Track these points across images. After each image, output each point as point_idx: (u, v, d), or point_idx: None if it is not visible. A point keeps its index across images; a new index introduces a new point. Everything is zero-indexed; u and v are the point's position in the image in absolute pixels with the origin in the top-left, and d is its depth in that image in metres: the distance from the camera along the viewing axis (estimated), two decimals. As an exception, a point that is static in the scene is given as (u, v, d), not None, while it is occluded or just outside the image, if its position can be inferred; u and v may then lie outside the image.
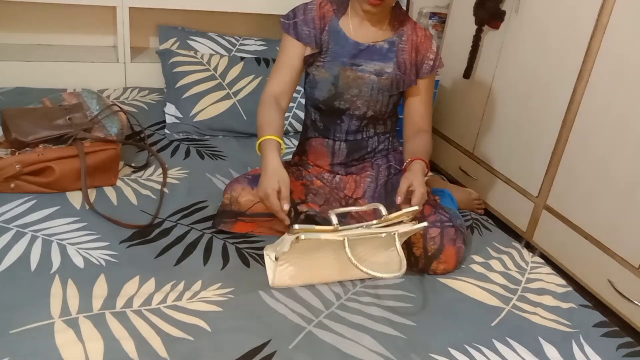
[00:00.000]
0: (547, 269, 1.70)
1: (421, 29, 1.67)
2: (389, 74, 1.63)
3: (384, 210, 1.42)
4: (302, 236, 1.28)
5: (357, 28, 1.63)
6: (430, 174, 2.21)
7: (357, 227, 1.39)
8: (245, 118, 2.25)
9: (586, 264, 2.01)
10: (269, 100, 1.62)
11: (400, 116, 1.78)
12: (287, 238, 1.35)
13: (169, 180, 1.85)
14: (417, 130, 1.69)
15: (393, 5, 1.62)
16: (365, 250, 1.43)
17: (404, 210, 1.41)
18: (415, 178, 1.48)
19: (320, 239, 1.31)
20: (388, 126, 1.75)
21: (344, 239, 1.33)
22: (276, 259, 1.38)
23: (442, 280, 1.56)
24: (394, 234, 1.38)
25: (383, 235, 1.38)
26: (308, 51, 1.65)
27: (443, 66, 1.71)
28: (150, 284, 1.37)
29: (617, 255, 1.90)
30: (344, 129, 1.71)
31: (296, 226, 1.30)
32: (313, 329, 1.31)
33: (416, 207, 1.41)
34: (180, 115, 2.22)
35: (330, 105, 1.67)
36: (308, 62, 1.66)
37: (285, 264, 1.40)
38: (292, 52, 1.65)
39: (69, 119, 1.72)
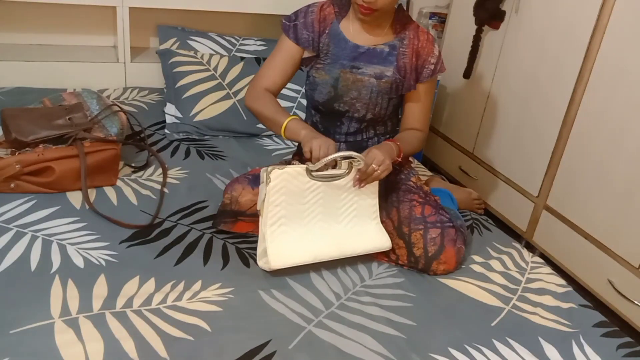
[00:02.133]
0: (547, 269, 1.70)
1: (424, 33, 1.65)
2: (388, 77, 1.62)
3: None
4: (269, 169, 1.44)
5: (357, 31, 1.63)
6: (431, 174, 2.21)
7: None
8: (245, 118, 2.25)
9: (586, 264, 2.01)
10: (263, 92, 1.64)
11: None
12: (262, 186, 1.46)
13: (169, 180, 1.85)
14: (409, 130, 1.69)
15: (396, 7, 1.61)
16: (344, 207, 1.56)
17: (350, 153, 1.49)
18: (373, 148, 1.51)
19: (287, 170, 1.45)
20: (388, 127, 1.75)
21: (307, 164, 1.46)
22: (259, 211, 1.47)
23: (442, 280, 1.56)
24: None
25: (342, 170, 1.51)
26: (306, 54, 1.65)
27: (445, 70, 1.69)
28: (150, 284, 1.37)
29: (617, 255, 1.90)
30: (344, 131, 1.70)
31: (264, 167, 1.45)
32: (313, 328, 1.31)
33: (360, 158, 1.48)
34: (180, 115, 2.22)
35: (330, 107, 1.66)
36: (307, 64, 1.66)
37: (276, 240, 1.46)
38: (288, 55, 1.66)
39: (69, 119, 1.72)
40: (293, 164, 1.50)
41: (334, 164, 1.53)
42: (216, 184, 1.87)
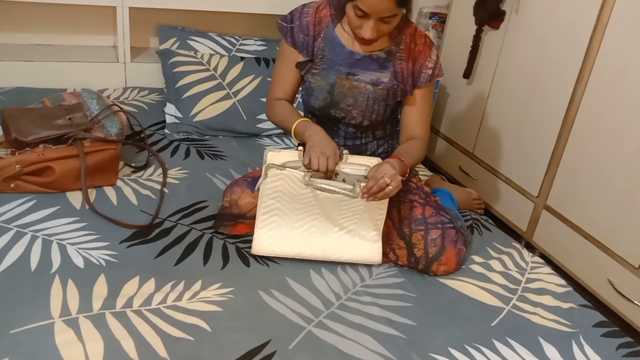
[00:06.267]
0: (547, 269, 1.71)
1: (421, 37, 1.61)
2: (385, 83, 1.60)
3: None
4: (270, 154, 1.48)
5: (353, 37, 1.59)
6: (431, 174, 2.21)
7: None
8: (245, 118, 2.25)
9: (586, 264, 2.01)
10: (275, 102, 1.66)
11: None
12: (263, 169, 1.50)
13: (169, 180, 1.85)
14: (410, 138, 1.65)
15: None
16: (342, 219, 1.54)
17: (359, 161, 1.52)
18: (384, 163, 1.46)
19: (286, 173, 1.46)
20: (387, 130, 1.74)
21: (307, 172, 1.46)
22: (257, 189, 1.53)
23: (442, 280, 1.56)
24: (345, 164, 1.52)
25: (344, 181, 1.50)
26: (301, 58, 1.63)
27: (443, 75, 1.64)
28: (150, 284, 1.37)
29: (617, 255, 1.90)
30: (342, 135, 1.70)
31: (269, 154, 1.48)
32: (313, 328, 1.31)
33: (367, 166, 1.49)
34: (180, 115, 2.22)
35: (326, 113, 1.65)
36: (302, 68, 1.64)
37: (264, 228, 1.49)
38: (290, 62, 1.65)
39: (69, 119, 1.72)
40: (299, 150, 1.50)
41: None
42: (216, 184, 1.87)
